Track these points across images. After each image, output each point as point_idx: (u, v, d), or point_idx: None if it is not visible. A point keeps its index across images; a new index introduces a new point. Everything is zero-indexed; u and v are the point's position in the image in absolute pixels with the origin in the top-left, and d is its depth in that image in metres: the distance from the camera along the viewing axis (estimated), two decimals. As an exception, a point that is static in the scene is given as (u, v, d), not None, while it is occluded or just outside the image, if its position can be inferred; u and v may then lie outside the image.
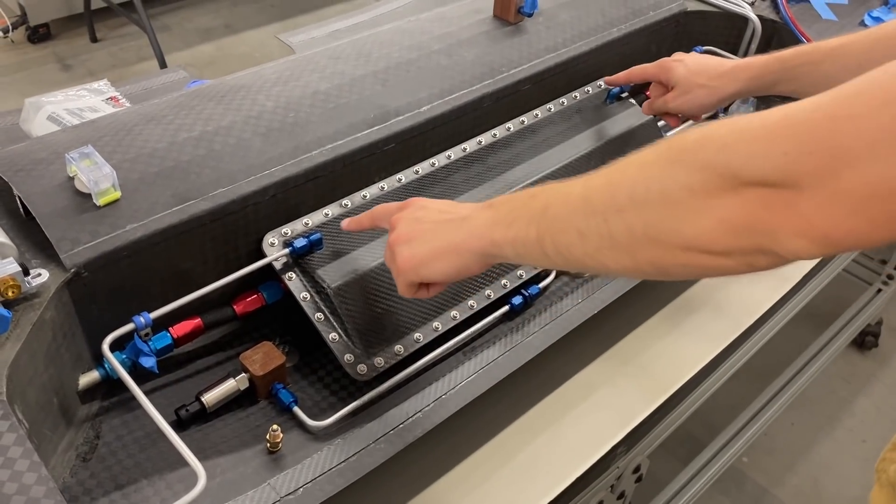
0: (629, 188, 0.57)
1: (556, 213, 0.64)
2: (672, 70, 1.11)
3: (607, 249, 0.59)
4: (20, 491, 0.63)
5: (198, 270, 0.91)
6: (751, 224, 0.50)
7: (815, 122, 0.47)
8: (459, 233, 0.73)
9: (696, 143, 0.54)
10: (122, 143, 0.92)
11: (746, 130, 0.51)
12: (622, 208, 0.57)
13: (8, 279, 0.73)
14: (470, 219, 0.73)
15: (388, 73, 1.09)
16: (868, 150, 0.44)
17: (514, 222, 0.68)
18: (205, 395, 0.85)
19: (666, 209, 0.54)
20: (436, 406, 0.88)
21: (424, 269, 0.75)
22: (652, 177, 0.56)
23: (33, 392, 0.75)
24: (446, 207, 0.77)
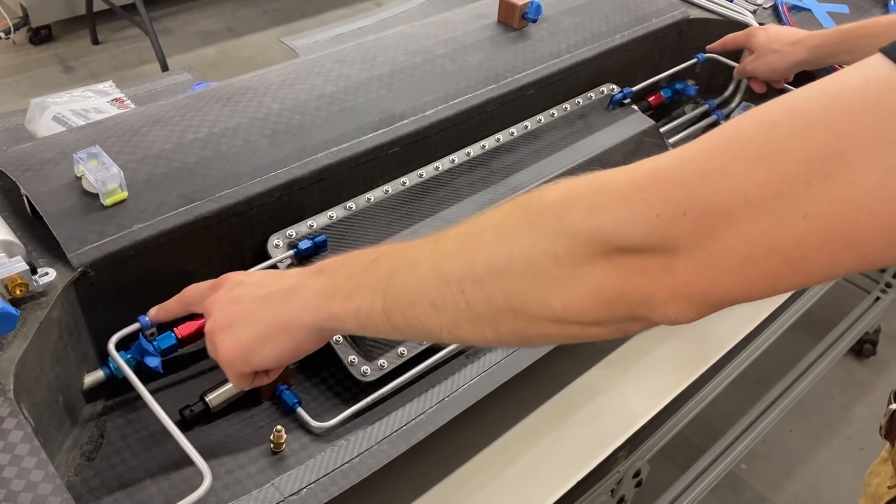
0: (487, 256, 0.51)
1: (404, 283, 0.56)
2: (754, 35, 1.27)
3: (465, 322, 0.53)
4: (27, 488, 0.63)
5: (203, 271, 0.92)
6: (625, 293, 0.46)
7: (686, 178, 0.43)
8: (287, 307, 0.64)
9: (558, 204, 0.49)
10: (128, 143, 0.92)
11: (614, 191, 0.46)
12: (480, 278, 0.52)
13: (16, 278, 0.73)
14: (298, 289, 0.64)
15: (392, 77, 1.09)
16: (745, 207, 0.41)
17: (355, 292, 0.59)
18: (209, 395, 0.86)
19: (530, 279, 0.49)
20: (439, 408, 0.88)
21: (253, 355, 0.65)
22: (512, 243, 0.50)
23: (39, 390, 0.76)
24: (266, 279, 0.68)
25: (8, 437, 0.66)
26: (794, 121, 0.41)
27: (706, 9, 1.42)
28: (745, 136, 0.43)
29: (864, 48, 1.03)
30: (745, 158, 0.42)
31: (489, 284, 0.51)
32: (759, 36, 1.25)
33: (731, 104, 1.47)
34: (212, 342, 0.68)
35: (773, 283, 0.43)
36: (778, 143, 0.41)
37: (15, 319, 0.72)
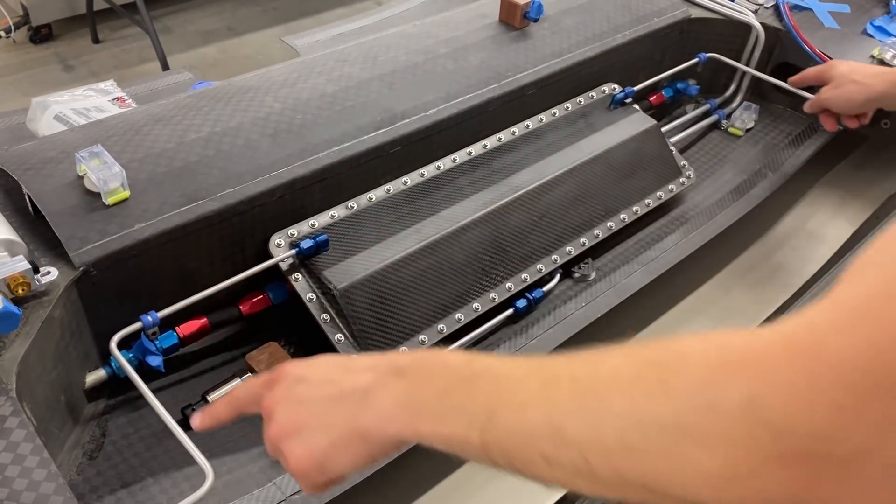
0: (618, 427, 0.44)
1: (509, 427, 0.49)
2: (835, 67, 1.22)
3: (584, 482, 0.47)
4: (30, 487, 0.63)
5: (205, 270, 0.92)
6: (796, 495, 0.38)
7: (856, 354, 0.36)
8: (365, 413, 0.55)
9: (705, 375, 0.41)
10: (130, 142, 0.92)
11: (773, 366, 0.39)
12: (609, 451, 0.45)
13: (18, 277, 0.73)
14: (375, 393, 0.55)
15: (394, 77, 1.09)
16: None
17: (448, 416, 0.52)
18: (211, 394, 0.86)
19: (674, 464, 0.42)
20: (440, 408, 0.88)
21: (330, 465, 0.58)
22: (649, 418, 0.43)
23: (42, 389, 0.76)
24: (333, 374, 0.59)
25: (10, 437, 0.66)
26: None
27: (707, 8, 1.42)
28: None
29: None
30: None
31: (620, 459, 0.44)
32: (838, 67, 1.22)
33: (733, 104, 1.47)
34: (277, 449, 0.59)
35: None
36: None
37: (17, 318, 0.72)
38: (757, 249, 1.27)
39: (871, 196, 1.37)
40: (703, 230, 1.17)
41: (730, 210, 1.21)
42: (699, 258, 1.16)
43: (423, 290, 0.96)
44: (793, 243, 1.29)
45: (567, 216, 1.10)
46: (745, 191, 1.26)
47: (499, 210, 1.05)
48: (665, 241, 1.16)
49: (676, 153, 1.27)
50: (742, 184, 1.29)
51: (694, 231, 1.17)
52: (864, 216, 1.33)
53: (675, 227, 1.20)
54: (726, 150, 1.39)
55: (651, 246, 1.15)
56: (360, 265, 0.94)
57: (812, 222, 1.33)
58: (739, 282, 1.22)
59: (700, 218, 1.21)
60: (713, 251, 1.19)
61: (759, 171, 1.31)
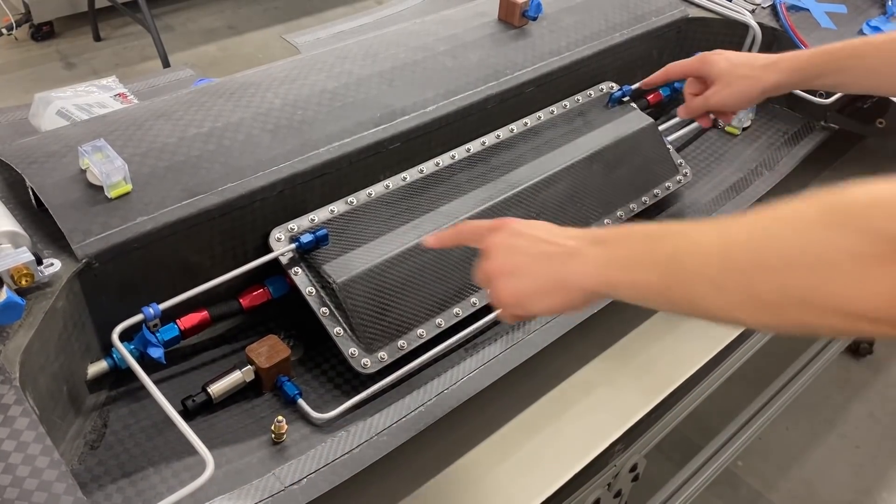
0: (781, 248, 0.53)
1: (687, 264, 0.60)
2: (713, 63, 1.09)
3: (747, 307, 0.56)
4: (33, 474, 0.64)
5: (205, 264, 0.93)
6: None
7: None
8: (568, 270, 0.68)
9: (865, 207, 0.50)
10: (132, 137, 0.93)
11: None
12: (772, 268, 0.54)
13: (22, 268, 0.74)
14: (578, 255, 0.68)
15: (394, 74, 1.10)
16: None
17: (635, 267, 0.64)
18: (211, 385, 0.87)
19: (826, 273, 0.51)
20: (438, 401, 0.89)
21: (530, 304, 0.72)
22: (809, 237, 0.52)
23: (44, 380, 0.77)
24: (546, 236, 0.72)
25: (14, 424, 0.67)
26: None
27: (705, 8, 1.43)
28: None
29: (853, 68, 0.99)
30: None
31: (780, 274, 0.53)
32: (718, 63, 1.08)
33: (730, 103, 1.48)
34: (489, 282, 0.74)
35: None
36: None
37: (21, 309, 0.73)
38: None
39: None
40: (699, 227, 1.18)
41: (726, 208, 1.22)
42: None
43: (421, 285, 0.97)
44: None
45: (564, 213, 1.11)
46: (741, 189, 1.27)
47: (497, 206, 1.06)
48: (661, 238, 1.17)
49: (673, 151, 1.28)
50: (738, 182, 1.30)
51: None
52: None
53: (672, 224, 1.21)
54: (723, 149, 1.40)
55: (648, 243, 1.16)
56: (359, 260, 0.95)
57: (808, 220, 1.34)
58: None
59: (697, 215, 1.22)
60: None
61: (756, 170, 1.32)
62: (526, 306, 0.72)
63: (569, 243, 0.70)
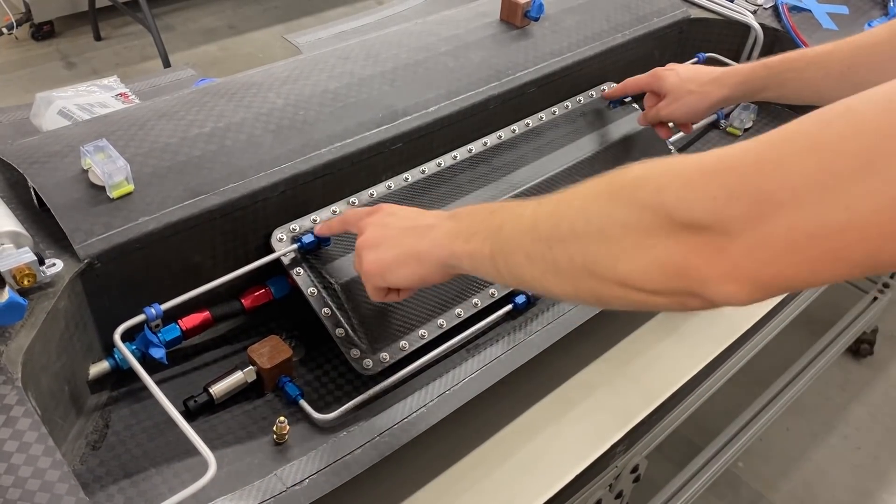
0: (571, 220, 0.59)
1: (508, 234, 0.65)
2: (664, 78, 1.16)
3: (551, 275, 0.61)
4: (35, 474, 0.64)
5: (207, 264, 0.93)
6: (682, 268, 0.51)
7: (744, 166, 0.48)
8: (423, 241, 0.74)
9: (635, 181, 0.54)
10: (134, 137, 0.93)
11: (682, 173, 0.51)
12: (563, 238, 0.59)
13: (24, 268, 0.74)
14: (434, 228, 0.74)
15: (396, 74, 1.10)
16: (792, 196, 0.45)
17: (473, 237, 0.69)
18: (213, 386, 0.87)
19: (603, 244, 0.56)
20: (439, 402, 0.89)
21: (389, 274, 0.77)
22: (592, 211, 0.57)
23: (46, 380, 0.77)
24: (413, 215, 0.79)
25: (16, 425, 0.67)
26: (847, 121, 0.45)
27: (707, 9, 1.43)
28: (803, 132, 0.47)
29: (792, 81, 1.02)
30: (799, 152, 0.46)
31: (570, 244, 0.58)
32: (668, 78, 1.15)
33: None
34: (359, 256, 0.80)
35: (816, 271, 0.46)
36: (830, 140, 0.45)
37: (23, 309, 0.73)
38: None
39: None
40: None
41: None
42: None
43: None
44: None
45: (566, 213, 1.11)
46: (742, 190, 1.27)
47: (499, 207, 1.06)
48: (663, 238, 1.17)
49: (675, 152, 1.28)
50: (740, 183, 1.30)
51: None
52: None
53: (674, 225, 1.21)
54: (725, 150, 1.39)
55: (649, 244, 1.16)
56: (361, 260, 0.95)
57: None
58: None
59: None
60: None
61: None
62: (386, 276, 0.77)
63: (429, 220, 0.76)
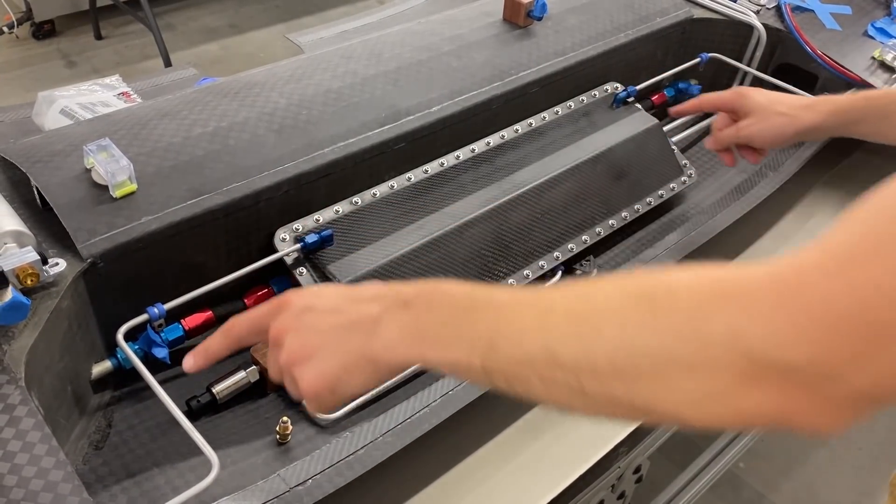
0: (608, 351, 0.48)
1: (509, 354, 0.53)
2: (749, 97, 1.07)
3: (579, 403, 0.51)
4: (39, 474, 0.64)
5: (210, 264, 0.93)
6: (768, 413, 0.43)
7: (839, 292, 0.40)
8: (374, 341, 0.58)
9: (691, 303, 0.45)
10: (137, 136, 0.93)
11: (756, 296, 0.42)
12: (600, 373, 0.48)
13: (27, 267, 0.74)
14: (383, 323, 0.58)
15: (399, 74, 1.10)
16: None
17: (452, 344, 0.55)
18: (216, 386, 0.86)
19: (659, 385, 0.46)
20: (443, 402, 0.89)
21: (341, 386, 0.60)
22: (637, 341, 0.46)
23: (49, 379, 0.76)
24: (341, 303, 0.61)
25: (20, 425, 0.67)
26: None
27: (710, 9, 1.43)
28: (888, 237, 0.39)
29: (892, 115, 0.96)
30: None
31: (610, 381, 0.48)
32: (754, 97, 1.06)
33: (734, 104, 1.48)
34: (288, 375, 0.62)
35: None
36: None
37: (26, 309, 0.73)
38: (757, 249, 1.28)
39: (870, 197, 1.37)
40: (703, 229, 1.18)
41: (730, 209, 1.22)
42: (700, 257, 1.16)
43: (426, 286, 0.96)
44: (793, 243, 1.30)
45: (569, 213, 1.11)
46: (745, 190, 1.27)
47: (502, 207, 1.06)
48: (666, 239, 1.17)
49: (678, 152, 1.27)
50: (742, 183, 1.30)
51: (695, 230, 1.18)
52: (863, 216, 1.34)
53: (676, 225, 1.21)
54: (727, 150, 1.39)
55: (652, 244, 1.16)
56: (363, 260, 0.95)
57: (812, 222, 1.34)
58: (739, 280, 1.22)
59: (701, 217, 1.22)
60: (713, 250, 1.20)
61: (760, 171, 1.32)
62: (337, 390, 0.60)
63: (369, 309, 0.59)
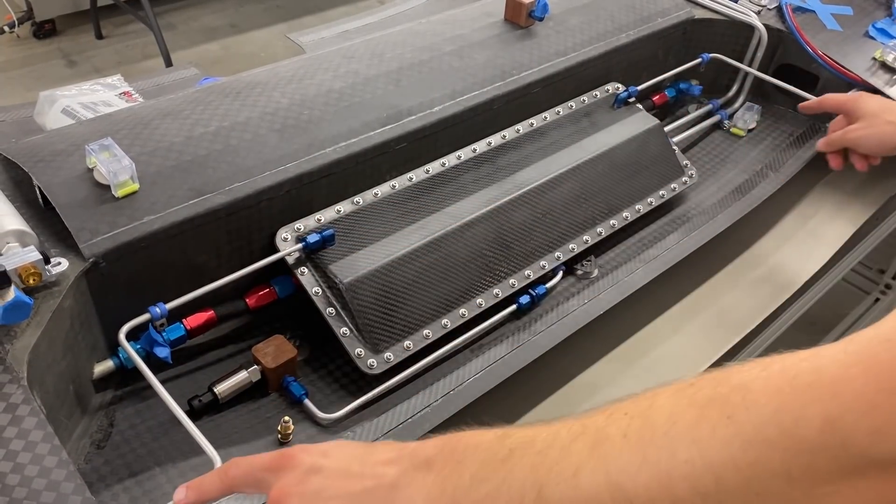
0: (687, 475, 0.43)
1: (563, 497, 0.47)
2: (863, 102, 1.10)
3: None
4: (41, 473, 0.64)
5: (212, 263, 0.93)
6: (874, 501, 0.40)
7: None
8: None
9: (775, 410, 0.41)
10: (139, 136, 0.93)
11: (852, 390, 0.39)
12: (680, 499, 0.43)
13: (29, 267, 0.74)
14: (402, 490, 0.52)
15: (400, 74, 1.10)
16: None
17: (490, 502, 0.49)
18: (217, 385, 0.87)
19: (753, 501, 0.42)
20: (444, 401, 0.89)
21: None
22: (720, 459, 0.42)
23: (51, 379, 0.77)
24: (353, 466, 0.55)
25: (22, 424, 0.67)
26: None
27: (711, 9, 1.43)
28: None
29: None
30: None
31: None
32: (868, 103, 1.10)
33: (735, 104, 1.48)
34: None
35: None
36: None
37: (29, 308, 0.73)
38: (758, 249, 1.28)
39: (871, 197, 1.38)
40: (704, 229, 1.18)
41: (731, 209, 1.22)
42: (700, 257, 1.16)
43: (427, 286, 0.96)
44: (793, 243, 1.30)
45: (570, 213, 1.11)
46: (746, 190, 1.27)
47: (503, 207, 1.06)
48: (667, 239, 1.17)
49: (679, 153, 1.27)
50: (743, 183, 1.30)
51: (696, 230, 1.18)
52: (864, 216, 1.34)
53: (677, 225, 1.21)
54: (728, 150, 1.40)
55: (653, 244, 1.16)
56: (365, 260, 0.95)
57: (812, 222, 1.34)
58: (740, 280, 1.23)
59: (702, 217, 1.22)
60: (714, 250, 1.20)
61: (761, 171, 1.32)
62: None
63: (386, 472, 0.53)
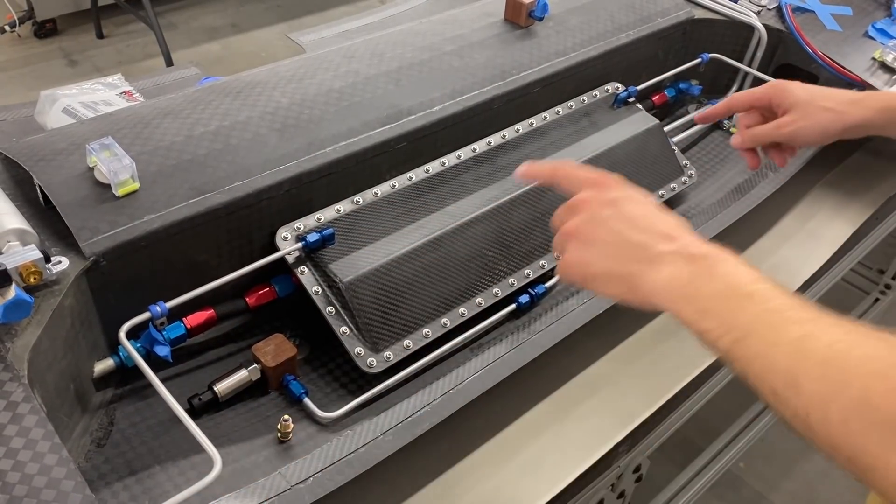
0: (845, 407, 0.49)
1: (755, 353, 0.55)
2: (789, 92, 0.98)
3: (799, 426, 0.52)
4: (42, 471, 0.64)
5: (212, 262, 0.93)
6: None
7: None
8: (643, 275, 0.63)
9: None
10: (140, 135, 0.93)
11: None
12: (830, 421, 0.50)
13: (30, 265, 0.74)
14: (661, 264, 0.62)
15: (400, 73, 1.11)
16: None
17: (709, 317, 0.59)
18: (217, 384, 0.87)
19: (889, 457, 0.47)
20: (443, 400, 0.89)
21: (592, 283, 0.68)
22: (879, 419, 0.47)
23: (52, 377, 0.77)
24: (639, 219, 0.66)
25: (22, 422, 0.67)
26: None
27: (710, 9, 1.43)
28: None
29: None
30: None
31: (839, 433, 0.49)
32: (795, 92, 0.98)
33: (735, 104, 1.48)
34: (564, 236, 0.69)
35: None
36: None
37: (29, 306, 0.73)
38: (757, 248, 1.28)
39: (870, 197, 1.38)
40: (704, 229, 1.18)
41: (731, 209, 1.22)
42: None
43: (427, 285, 0.97)
44: (793, 243, 1.30)
45: (570, 213, 1.11)
46: (745, 190, 1.27)
47: (502, 206, 1.06)
48: (666, 239, 1.17)
49: (678, 152, 1.28)
50: (743, 183, 1.30)
51: (695, 229, 1.17)
52: (864, 216, 1.34)
53: (677, 225, 1.21)
54: (728, 150, 1.40)
55: (653, 244, 1.16)
56: (365, 259, 0.95)
57: (812, 222, 1.34)
58: (740, 280, 1.23)
59: (701, 217, 1.22)
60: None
61: (760, 171, 1.32)
62: (588, 283, 0.68)
63: (658, 247, 0.64)
